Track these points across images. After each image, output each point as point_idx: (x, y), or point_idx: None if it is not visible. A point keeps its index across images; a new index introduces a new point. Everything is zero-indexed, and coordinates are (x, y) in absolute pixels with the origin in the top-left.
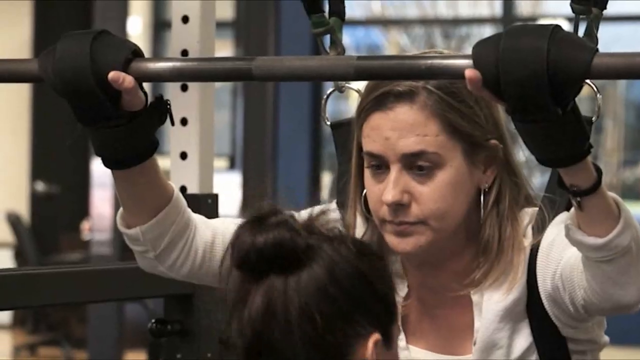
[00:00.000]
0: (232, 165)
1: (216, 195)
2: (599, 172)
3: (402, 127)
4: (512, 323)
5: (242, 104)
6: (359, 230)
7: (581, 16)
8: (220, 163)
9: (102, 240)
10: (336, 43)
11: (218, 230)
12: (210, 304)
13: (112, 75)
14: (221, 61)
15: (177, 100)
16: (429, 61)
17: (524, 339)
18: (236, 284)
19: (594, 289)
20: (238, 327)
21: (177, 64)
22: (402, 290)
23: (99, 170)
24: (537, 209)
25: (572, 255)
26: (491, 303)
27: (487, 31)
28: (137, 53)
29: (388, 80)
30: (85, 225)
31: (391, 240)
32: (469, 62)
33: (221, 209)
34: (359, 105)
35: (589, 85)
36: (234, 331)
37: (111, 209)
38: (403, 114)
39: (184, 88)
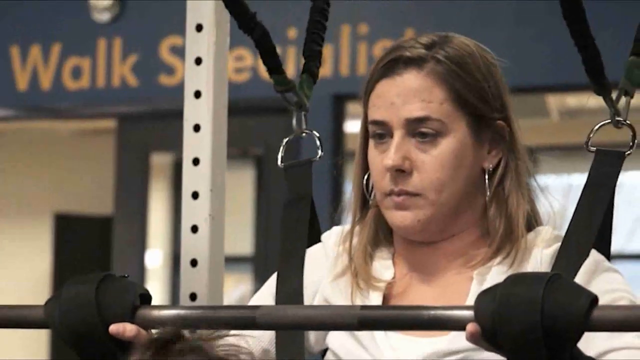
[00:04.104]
0: None
1: None
2: None
3: (407, 93)
4: None
5: None
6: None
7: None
8: None
9: None
10: (298, 102)
11: None
12: None
13: (112, 329)
14: (225, 309)
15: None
16: (432, 312)
17: None
18: None
19: None
20: None
21: (182, 312)
22: (387, 274)
23: None
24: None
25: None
26: (495, 275)
27: None
28: (144, 297)
29: (392, 329)
30: None
31: (391, 215)
32: (470, 313)
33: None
34: (368, 77)
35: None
36: None
37: None
38: (409, 79)
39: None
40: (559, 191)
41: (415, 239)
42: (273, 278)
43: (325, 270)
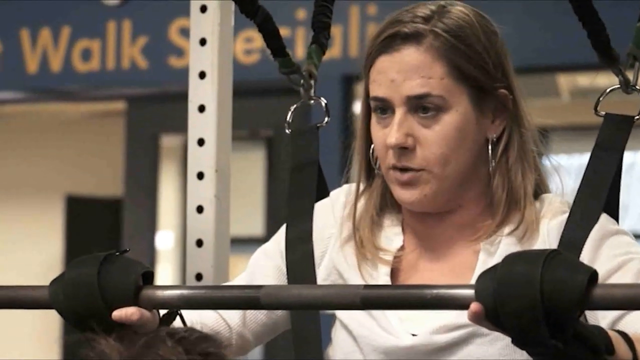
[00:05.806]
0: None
1: None
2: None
3: (407, 69)
4: None
5: None
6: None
7: None
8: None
9: None
10: (305, 86)
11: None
12: None
13: (115, 315)
14: (229, 289)
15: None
16: (435, 291)
17: None
18: None
19: None
20: None
21: (185, 292)
22: (396, 242)
23: None
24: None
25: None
26: (505, 247)
27: None
28: (146, 275)
29: (394, 309)
30: None
31: (396, 191)
32: (472, 292)
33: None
34: (367, 50)
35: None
36: None
37: None
38: (409, 55)
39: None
40: (571, 171)
41: (424, 211)
42: (278, 240)
43: (334, 230)
